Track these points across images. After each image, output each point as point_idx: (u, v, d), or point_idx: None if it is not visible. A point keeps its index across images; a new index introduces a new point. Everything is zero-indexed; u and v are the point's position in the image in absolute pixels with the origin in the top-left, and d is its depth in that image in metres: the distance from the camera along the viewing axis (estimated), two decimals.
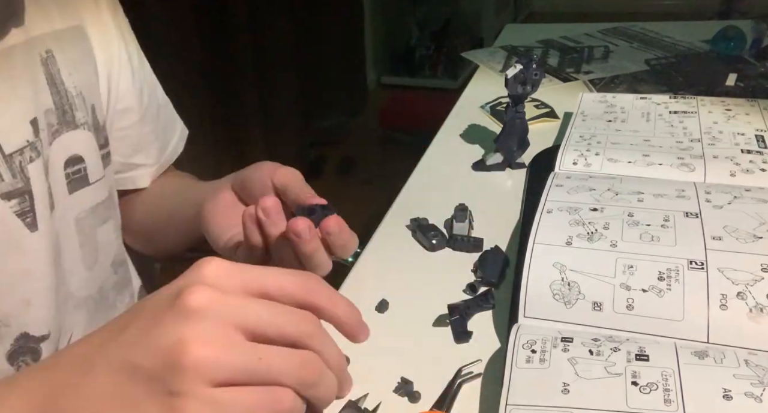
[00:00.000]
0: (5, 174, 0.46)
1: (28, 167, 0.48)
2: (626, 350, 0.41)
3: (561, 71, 0.98)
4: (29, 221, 0.48)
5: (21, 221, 0.48)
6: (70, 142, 0.52)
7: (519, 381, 0.39)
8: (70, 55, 0.53)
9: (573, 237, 0.50)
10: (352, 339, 0.34)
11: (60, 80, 0.51)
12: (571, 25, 1.23)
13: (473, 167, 0.73)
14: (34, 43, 0.49)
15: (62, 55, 0.52)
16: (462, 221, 0.59)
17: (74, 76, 0.53)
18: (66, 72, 0.52)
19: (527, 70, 0.65)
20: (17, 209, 0.47)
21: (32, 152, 0.48)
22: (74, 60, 0.53)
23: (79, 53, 0.54)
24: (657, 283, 0.45)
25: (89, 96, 0.55)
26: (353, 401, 0.43)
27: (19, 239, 0.48)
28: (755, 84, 0.86)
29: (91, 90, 0.55)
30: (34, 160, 0.48)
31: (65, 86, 0.52)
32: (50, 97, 0.50)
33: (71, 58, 0.53)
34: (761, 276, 0.44)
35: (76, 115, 0.53)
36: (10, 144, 0.46)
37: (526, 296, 0.46)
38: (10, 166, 0.46)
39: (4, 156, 0.46)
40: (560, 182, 0.59)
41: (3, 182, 0.46)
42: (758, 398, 0.36)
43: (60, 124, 0.51)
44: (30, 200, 0.48)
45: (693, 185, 0.56)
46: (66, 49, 0.52)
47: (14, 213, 0.47)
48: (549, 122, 0.82)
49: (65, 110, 0.52)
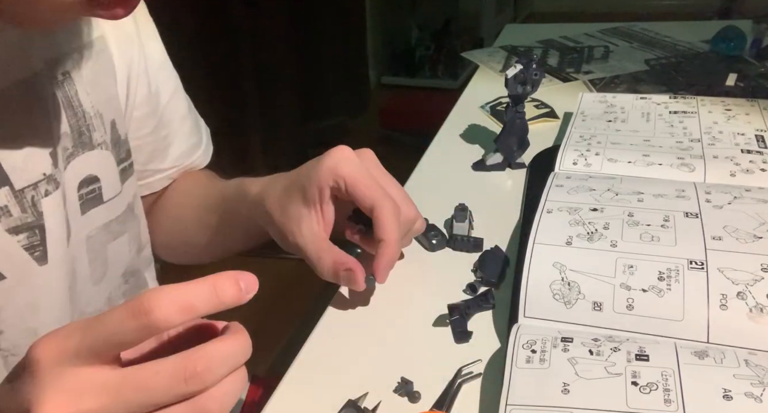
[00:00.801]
0: (13, 209, 0.45)
1: (42, 201, 0.47)
2: (626, 350, 0.41)
3: (561, 71, 0.98)
4: (38, 255, 0.47)
5: (29, 255, 0.47)
6: (86, 163, 0.51)
7: (519, 381, 0.39)
8: (88, 72, 0.51)
9: (573, 237, 0.50)
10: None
11: (78, 102, 0.50)
12: (572, 25, 1.23)
13: (473, 167, 0.73)
14: (52, 67, 0.48)
15: (79, 74, 0.50)
16: (462, 221, 0.59)
17: (92, 95, 0.51)
18: (84, 92, 0.50)
19: (527, 70, 0.65)
20: (25, 243, 0.46)
21: (49, 185, 0.47)
22: (93, 77, 0.51)
23: (99, 68, 0.53)
24: (657, 283, 0.45)
25: (108, 112, 0.53)
26: (353, 400, 0.43)
27: (27, 272, 0.47)
28: (755, 84, 0.86)
29: (111, 105, 0.54)
30: (51, 193, 0.47)
31: (83, 108, 0.50)
32: (66, 120, 0.49)
33: (89, 76, 0.51)
34: (761, 276, 0.44)
35: (93, 136, 0.52)
36: (22, 179, 0.45)
37: (526, 296, 0.46)
38: (20, 201, 0.45)
39: (14, 191, 0.45)
40: (560, 182, 0.59)
41: (11, 216, 0.45)
42: (758, 398, 0.36)
43: (75, 146, 0.50)
44: (41, 234, 0.47)
45: (693, 185, 0.57)
46: (84, 67, 0.51)
47: (22, 247, 0.46)
48: (549, 122, 0.82)
49: (82, 132, 0.50)
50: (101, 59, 0.53)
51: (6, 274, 0.46)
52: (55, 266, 0.48)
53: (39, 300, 0.48)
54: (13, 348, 0.48)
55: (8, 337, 0.47)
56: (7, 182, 0.44)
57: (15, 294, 0.46)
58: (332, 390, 0.44)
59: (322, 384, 0.46)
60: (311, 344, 0.50)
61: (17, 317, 0.47)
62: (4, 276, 0.45)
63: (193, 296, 0.28)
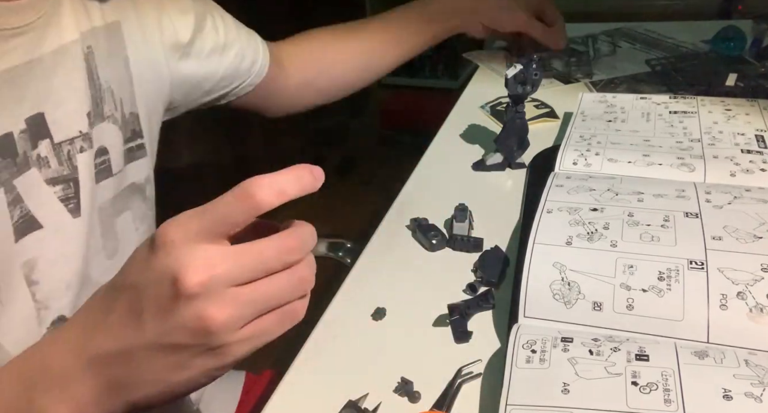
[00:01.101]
0: (52, 161, 0.48)
1: (77, 156, 0.51)
2: (626, 350, 0.41)
3: (564, 74, 0.98)
4: (72, 206, 0.50)
5: (64, 206, 0.50)
6: (100, 133, 0.55)
7: (519, 381, 0.39)
8: (103, 50, 0.55)
9: (573, 237, 0.50)
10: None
11: (96, 75, 0.54)
12: (572, 25, 1.22)
13: (473, 167, 0.73)
14: (82, 39, 0.52)
15: (99, 50, 0.54)
16: (462, 221, 0.59)
17: (106, 70, 0.55)
18: (101, 67, 0.54)
19: (527, 70, 0.65)
20: (61, 195, 0.50)
21: (84, 143, 0.51)
22: (106, 55, 0.55)
23: (111, 48, 0.56)
24: (657, 283, 0.45)
25: (118, 90, 0.57)
26: (353, 401, 0.43)
27: (63, 223, 0.50)
28: (755, 84, 0.86)
29: (121, 84, 0.57)
30: (85, 150, 0.51)
31: (100, 81, 0.54)
32: (90, 91, 0.53)
33: (103, 54, 0.55)
34: (761, 276, 0.44)
35: (105, 108, 0.55)
36: (60, 134, 0.49)
37: (526, 296, 0.46)
38: (58, 154, 0.49)
39: (53, 144, 0.49)
40: (560, 182, 0.59)
41: (49, 168, 0.48)
42: (758, 398, 0.36)
43: (95, 117, 0.54)
44: (75, 187, 0.51)
45: (693, 185, 0.57)
46: (102, 46, 0.55)
47: (58, 198, 0.49)
48: (549, 122, 0.82)
49: (97, 103, 0.54)
50: (114, 41, 0.57)
51: (43, 223, 0.48)
52: (85, 220, 0.52)
53: (71, 252, 0.51)
54: (46, 300, 0.49)
55: (42, 288, 0.49)
56: (48, 135, 0.48)
57: (50, 244, 0.49)
58: (332, 390, 0.44)
59: (322, 384, 0.46)
60: (311, 344, 0.50)
61: (51, 267, 0.49)
62: (41, 225, 0.48)
63: (284, 183, 0.33)
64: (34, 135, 0.47)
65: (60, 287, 0.50)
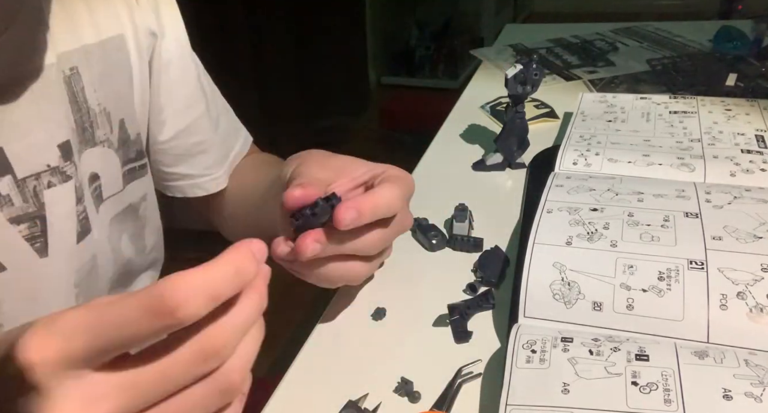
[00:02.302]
0: (15, 198, 0.45)
1: (45, 192, 0.46)
2: (626, 350, 0.41)
3: (565, 69, 0.98)
4: (38, 246, 0.47)
5: (29, 246, 0.47)
6: (91, 160, 0.51)
7: (519, 381, 0.39)
8: (98, 69, 0.51)
9: (573, 237, 0.50)
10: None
11: (83, 98, 0.50)
12: (573, 25, 1.23)
13: (473, 167, 0.73)
14: (61, 61, 0.48)
15: (89, 71, 0.50)
16: (462, 221, 0.59)
17: (99, 92, 0.51)
18: (91, 89, 0.50)
19: (527, 70, 0.65)
20: (26, 234, 0.46)
21: (53, 177, 0.47)
22: (102, 74, 0.51)
23: (109, 66, 0.52)
24: (657, 283, 0.45)
25: (117, 110, 0.53)
26: (353, 401, 0.43)
27: (27, 264, 0.47)
28: (755, 84, 0.86)
29: (121, 103, 0.54)
30: (55, 185, 0.47)
31: (88, 104, 0.50)
32: (71, 116, 0.49)
33: (98, 73, 0.51)
34: (761, 276, 0.44)
35: (96, 133, 0.52)
36: (24, 169, 0.45)
37: (526, 296, 0.46)
38: (22, 190, 0.45)
39: (16, 180, 0.45)
40: (560, 182, 0.59)
41: (12, 206, 0.45)
42: (758, 398, 0.36)
43: (81, 143, 0.50)
44: (42, 225, 0.47)
45: (693, 185, 0.57)
46: (93, 64, 0.50)
47: (23, 237, 0.46)
48: (549, 122, 0.82)
49: (85, 128, 0.50)
50: (115, 57, 0.53)
51: (6, 265, 0.45)
52: (57, 259, 0.48)
53: (39, 294, 0.48)
54: None
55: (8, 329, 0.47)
56: (10, 171, 0.44)
57: (15, 286, 0.46)
58: (332, 390, 0.44)
59: (322, 384, 0.46)
60: (311, 344, 0.50)
61: (17, 310, 0.47)
62: (4, 267, 0.45)
63: (219, 282, 0.25)
64: None
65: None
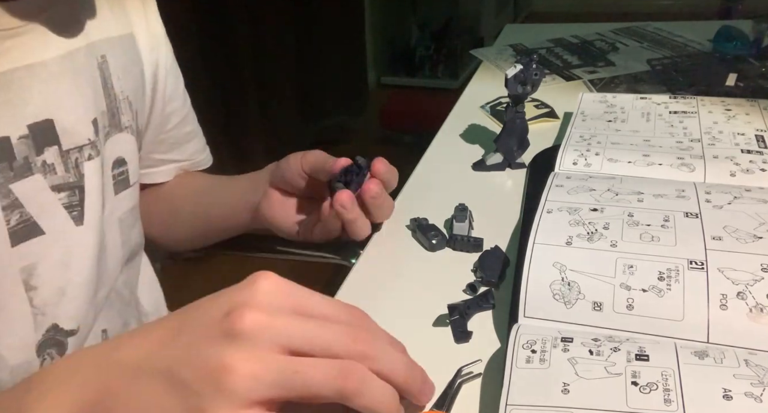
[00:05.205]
0: (59, 168, 0.48)
1: (84, 164, 0.50)
2: (626, 350, 0.41)
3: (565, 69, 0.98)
4: (76, 214, 0.50)
5: (68, 214, 0.49)
6: (118, 144, 0.55)
7: (519, 381, 0.39)
8: (121, 61, 0.55)
9: (573, 237, 0.50)
10: (413, 398, 0.35)
11: (111, 84, 0.54)
12: (573, 25, 1.23)
13: (473, 167, 0.73)
14: (93, 48, 0.52)
15: (114, 60, 0.54)
16: (462, 221, 0.59)
17: (122, 81, 0.55)
18: (116, 77, 0.54)
19: (527, 70, 0.65)
20: (65, 202, 0.49)
21: (92, 151, 0.51)
22: (123, 66, 0.55)
23: (128, 60, 0.56)
24: (657, 283, 0.45)
25: (135, 102, 0.57)
26: None
27: (65, 230, 0.50)
28: (755, 84, 0.86)
29: (137, 96, 0.58)
30: (93, 158, 0.51)
31: (115, 91, 0.54)
32: (104, 100, 0.53)
33: (121, 65, 0.55)
34: (761, 276, 0.44)
35: (122, 118, 0.55)
36: (69, 141, 0.49)
37: (526, 296, 0.46)
38: (65, 161, 0.49)
39: (61, 151, 0.48)
40: (560, 182, 0.59)
41: (55, 175, 0.48)
42: (758, 398, 0.36)
43: (111, 126, 0.54)
44: (80, 195, 0.50)
45: (693, 185, 0.57)
46: (117, 55, 0.54)
47: (62, 205, 0.49)
48: (549, 122, 0.82)
49: (114, 113, 0.54)
50: (131, 54, 0.57)
51: (45, 230, 0.48)
52: (90, 228, 0.51)
53: (71, 260, 0.50)
54: (43, 306, 0.49)
55: (41, 293, 0.49)
56: (57, 142, 0.48)
57: (51, 251, 0.49)
58: None
59: None
60: None
61: (50, 274, 0.49)
62: (43, 231, 0.48)
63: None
64: (40, 141, 0.47)
65: (57, 293, 0.50)
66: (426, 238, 0.59)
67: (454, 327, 0.49)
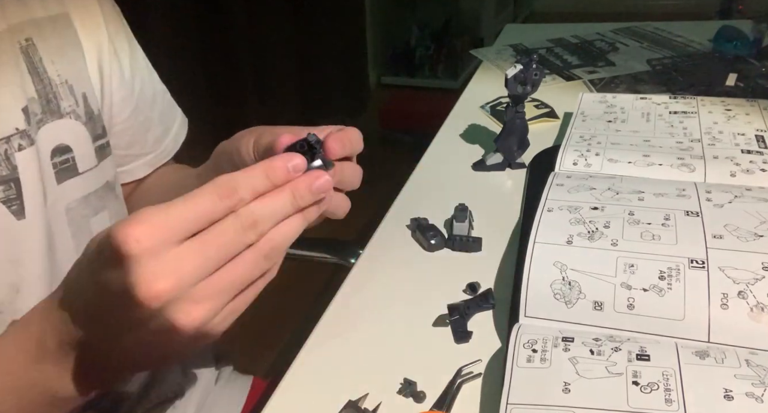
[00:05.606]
0: None
1: (16, 155, 0.48)
2: (627, 349, 0.40)
3: (565, 69, 0.98)
4: (15, 208, 0.48)
5: (6, 209, 0.48)
6: (56, 131, 0.52)
7: (519, 381, 0.39)
8: (54, 42, 0.52)
9: (573, 236, 0.49)
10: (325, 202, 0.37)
11: (42, 69, 0.51)
12: (573, 25, 1.23)
13: (473, 167, 0.73)
14: (14, 31, 0.49)
15: (44, 43, 0.51)
16: (462, 221, 0.59)
17: (58, 64, 0.52)
18: (49, 60, 0.51)
19: (527, 70, 0.65)
20: (2, 197, 0.47)
21: (22, 140, 0.48)
22: (58, 48, 0.52)
23: (64, 41, 0.54)
24: (658, 282, 0.45)
25: (78, 84, 0.54)
26: (353, 401, 0.43)
27: (6, 226, 0.48)
28: (755, 84, 0.86)
29: (81, 77, 0.55)
30: (25, 148, 0.48)
31: (48, 75, 0.51)
32: (33, 85, 0.50)
33: (55, 46, 0.52)
34: (762, 275, 0.44)
35: (61, 104, 0.52)
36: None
37: (526, 296, 0.46)
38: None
39: None
40: (560, 181, 0.59)
41: None
42: (759, 398, 0.36)
43: (44, 113, 0.51)
44: (17, 188, 0.48)
45: (693, 184, 0.56)
46: (48, 37, 0.52)
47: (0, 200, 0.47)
48: (549, 122, 0.82)
49: (49, 99, 0.51)
50: (66, 34, 0.54)
51: None
52: (33, 221, 0.49)
53: (19, 255, 0.49)
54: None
55: None
56: None
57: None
58: (332, 390, 0.44)
59: (322, 384, 0.46)
60: (311, 344, 0.50)
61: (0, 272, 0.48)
62: None
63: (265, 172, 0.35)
64: None
65: (11, 290, 0.49)
66: (425, 238, 0.59)
67: (454, 327, 0.48)
